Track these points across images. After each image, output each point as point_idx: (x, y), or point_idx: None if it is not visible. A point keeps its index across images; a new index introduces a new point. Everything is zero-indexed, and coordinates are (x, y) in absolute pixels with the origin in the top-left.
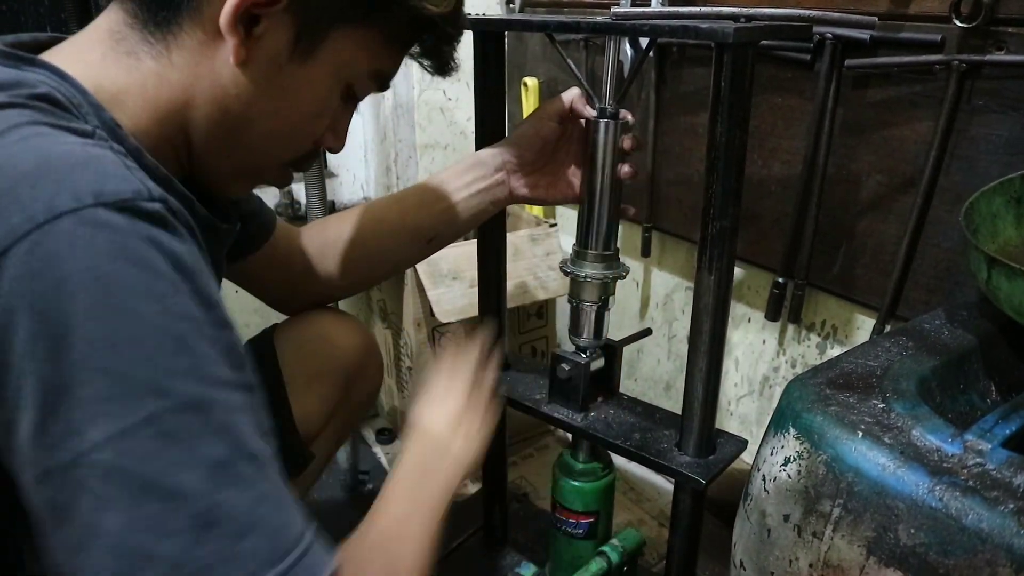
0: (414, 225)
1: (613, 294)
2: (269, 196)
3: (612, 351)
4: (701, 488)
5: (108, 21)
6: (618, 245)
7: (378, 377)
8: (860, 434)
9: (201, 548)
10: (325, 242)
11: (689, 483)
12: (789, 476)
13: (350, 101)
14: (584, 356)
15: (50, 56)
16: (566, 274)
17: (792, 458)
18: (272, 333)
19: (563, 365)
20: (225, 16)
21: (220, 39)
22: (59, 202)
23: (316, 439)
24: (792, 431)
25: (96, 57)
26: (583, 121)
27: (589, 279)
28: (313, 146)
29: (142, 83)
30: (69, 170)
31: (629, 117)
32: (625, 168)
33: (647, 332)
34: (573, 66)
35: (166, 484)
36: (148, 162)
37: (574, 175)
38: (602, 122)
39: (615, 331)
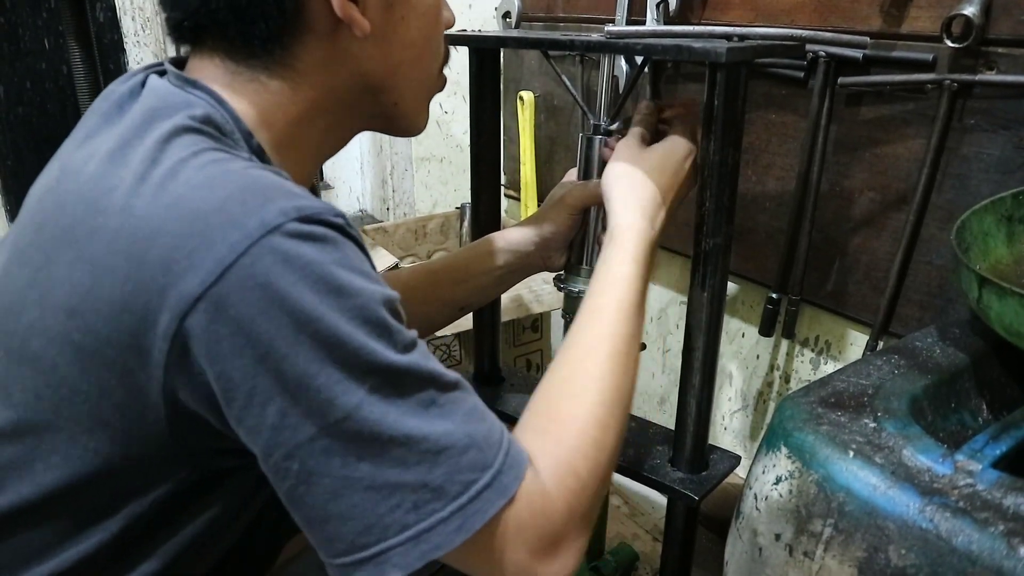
0: (447, 296)
1: None
2: None
3: None
4: (694, 504)
5: (210, 64)
6: None
7: None
8: (851, 454)
9: (437, 469)
10: None
11: (682, 499)
12: (780, 495)
13: None
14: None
15: None
16: (560, 289)
17: (784, 477)
18: None
19: None
20: (337, 1)
21: (336, 28)
22: (269, 217)
23: None
24: (784, 450)
25: (222, 86)
26: (580, 137)
27: (583, 295)
28: (443, 35)
29: (277, 103)
30: (267, 190)
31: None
32: None
33: (641, 347)
34: (568, 83)
35: (399, 434)
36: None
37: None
38: (596, 139)
39: None
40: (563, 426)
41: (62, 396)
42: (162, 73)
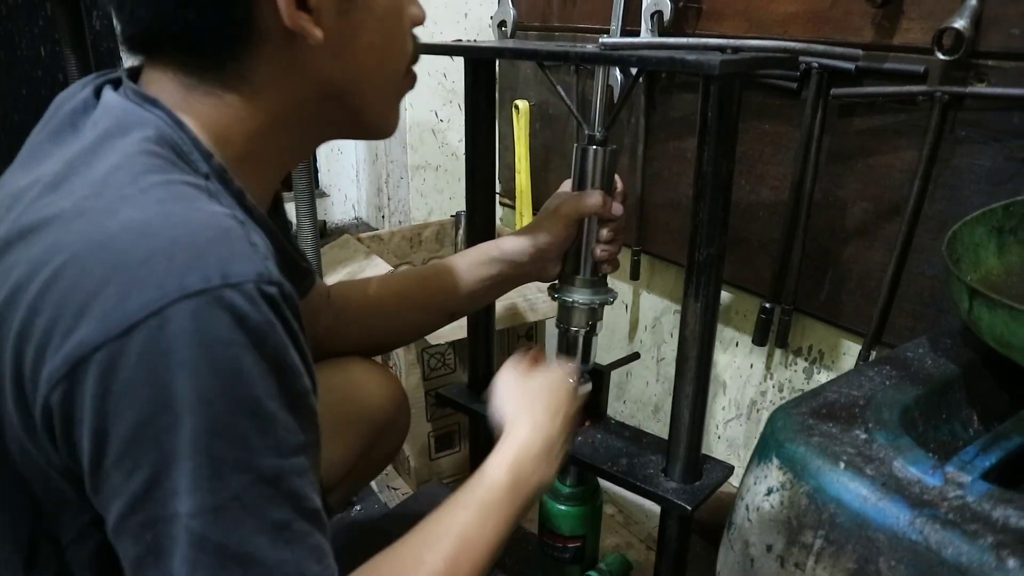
0: (439, 303)
1: (601, 319)
2: None
3: (600, 375)
4: (687, 514)
5: (164, 78)
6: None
7: (405, 432)
8: (842, 465)
9: None
10: (347, 305)
11: (675, 509)
12: (772, 506)
13: None
14: (571, 380)
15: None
16: (554, 299)
17: (775, 488)
18: None
19: None
20: (286, 10)
21: (290, 38)
22: (190, 281)
23: (334, 490)
24: (775, 461)
25: (177, 102)
26: (575, 148)
27: (577, 305)
28: (411, 33)
29: (236, 117)
30: (201, 246)
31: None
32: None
33: (635, 356)
34: (563, 93)
35: (244, 552)
36: (248, 203)
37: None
38: (591, 149)
39: (604, 353)
40: None
41: None
42: (116, 84)
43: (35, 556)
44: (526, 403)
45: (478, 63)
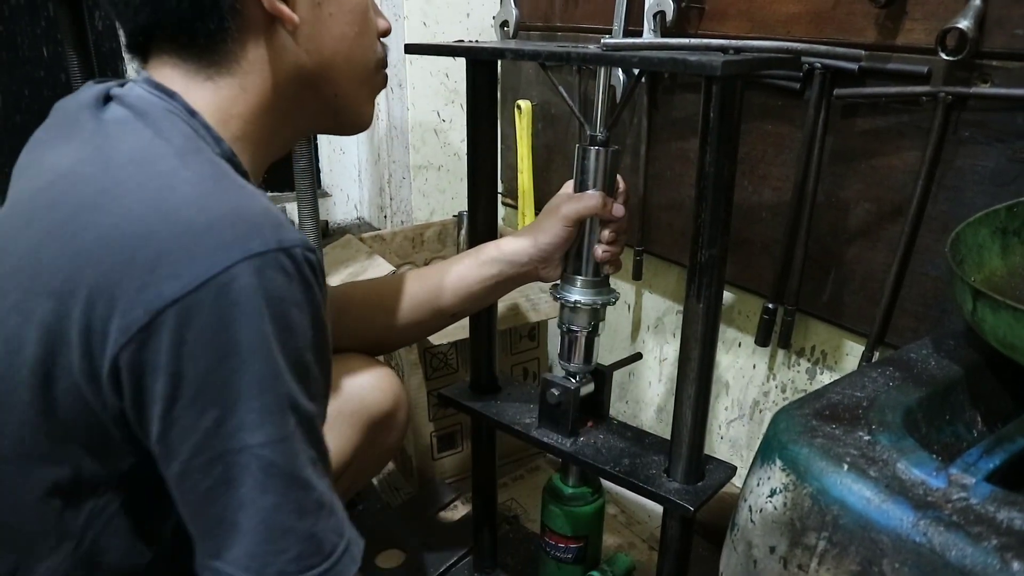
0: (439, 303)
1: (603, 319)
2: None
3: (602, 376)
4: (689, 515)
5: (164, 70)
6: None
7: (404, 430)
8: (845, 467)
9: (321, 522)
10: (349, 305)
11: (678, 510)
12: (775, 508)
13: None
14: (574, 381)
15: None
16: (556, 299)
17: (778, 490)
18: None
19: (552, 390)
20: None
21: (269, 25)
22: (252, 245)
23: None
24: (778, 463)
25: (182, 88)
26: (576, 148)
27: (579, 305)
28: (379, 39)
29: (231, 98)
30: (255, 217)
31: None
32: (606, 233)
33: (637, 356)
34: (564, 93)
35: (302, 477)
36: (253, 185)
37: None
38: (592, 149)
39: (607, 353)
40: None
41: (22, 373)
42: (120, 87)
43: (70, 505)
44: None
45: (480, 63)
